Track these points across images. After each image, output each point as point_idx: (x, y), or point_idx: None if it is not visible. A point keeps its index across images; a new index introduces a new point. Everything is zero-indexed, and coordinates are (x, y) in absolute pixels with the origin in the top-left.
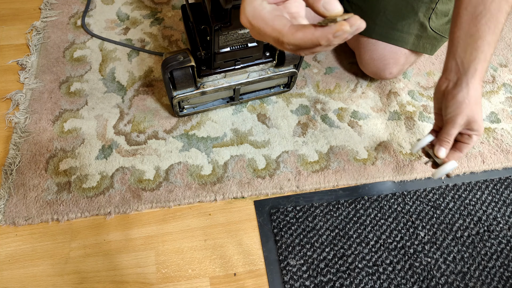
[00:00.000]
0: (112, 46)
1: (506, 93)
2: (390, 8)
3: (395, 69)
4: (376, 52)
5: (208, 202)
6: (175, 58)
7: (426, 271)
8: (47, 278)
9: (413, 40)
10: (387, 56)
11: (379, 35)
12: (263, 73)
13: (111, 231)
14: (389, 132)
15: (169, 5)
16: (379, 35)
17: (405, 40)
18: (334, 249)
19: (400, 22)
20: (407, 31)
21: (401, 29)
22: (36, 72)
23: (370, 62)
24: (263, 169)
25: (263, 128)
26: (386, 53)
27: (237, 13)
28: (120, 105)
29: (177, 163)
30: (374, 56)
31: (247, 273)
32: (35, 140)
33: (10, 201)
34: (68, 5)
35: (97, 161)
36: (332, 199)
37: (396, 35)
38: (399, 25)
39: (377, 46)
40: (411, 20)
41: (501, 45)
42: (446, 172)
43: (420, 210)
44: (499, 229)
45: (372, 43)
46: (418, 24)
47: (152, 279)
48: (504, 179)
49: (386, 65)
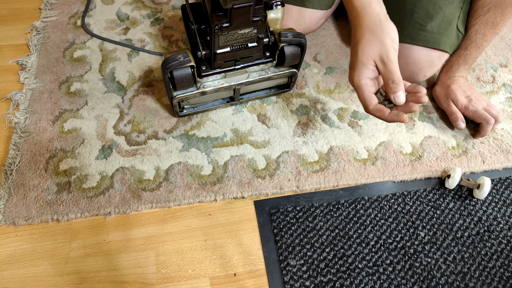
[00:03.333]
0: (112, 46)
1: (506, 93)
2: (417, 10)
3: (430, 72)
4: (411, 57)
5: (208, 202)
6: (175, 58)
7: (426, 271)
8: (47, 278)
9: (444, 39)
10: (422, 59)
11: (409, 38)
12: (263, 73)
13: (111, 231)
14: (389, 132)
15: (169, 5)
16: (409, 38)
17: (436, 41)
18: (334, 249)
19: (429, 24)
20: (437, 32)
21: (431, 30)
22: (36, 72)
23: (404, 67)
24: (263, 169)
25: (263, 128)
26: (421, 56)
27: (237, 13)
28: (120, 105)
29: (177, 163)
30: (409, 61)
31: (247, 273)
32: (35, 140)
33: (10, 201)
34: (68, 5)
35: (97, 161)
36: (332, 199)
37: (426, 36)
38: (428, 26)
39: (411, 50)
40: (439, 20)
41: (501, 45)
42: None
43: (420, 210)
44: (499, 229)
45: (405, 47)
46: (447, 23)
47: (152, 279)
48: (504, 179)
49: (421, 69)
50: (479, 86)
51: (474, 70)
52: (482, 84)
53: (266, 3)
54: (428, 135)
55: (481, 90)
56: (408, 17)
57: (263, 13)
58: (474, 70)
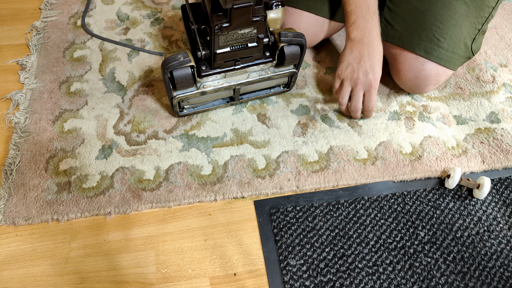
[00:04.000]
0: (112, 46)
1: (506, 93)
2: (438, 24)
3: (432, 87)
4: (422, 72)
5: (208, 202)
6: (175, 58)
7: (426, 271)
8: (47, 278)
9: (455, 59)
10: (432, 76)
11: (424, 51)
12: (263, 73)
13: (111, 231)
14: (389, 132)
15: (169, 5)
16: (424, 52)
17: (448, 59)
18: (334, 249)
19: (447, 41)
20: (452, 50)
21: (447, 47)
22: (36, 72)
23: (412, 81)
24: (263, 169)
25: (263, 128)
26: (432, 74)
27: (237, 13)
28: (120, 105)
29: (177, 163)
30: (419, 76)
31: (247, 273)
32: (35, 140)
33: (10, 201)
34: (68, 5)
35: (97, 161)
36: (332, 199)
37: (441, 53)
38: (445, 43)
39: (425, 66)
40: (457, 39)
41: (501, 45)
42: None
43: (420, 210)
44: (499, 229)
45: (419, 61)
46: (463, 44)
47: (152, 279)
48: (504, 179)
49: (428, 85)
50: (479, 86)
51: (474, 70)
52: (482, 84)
53: (266, 3)
54: (428, 135)
55: (481, 90)
56: (428, 30)
57: (263, 13)
58: (474, 70)
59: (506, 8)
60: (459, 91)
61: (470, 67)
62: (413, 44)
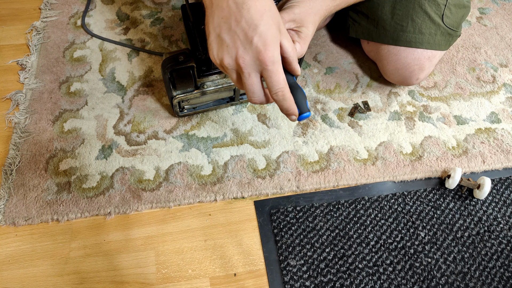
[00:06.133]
0: (112, 46)
1: (506, 93)
2: (397, 11)
3: (422, 74)
4: (399, 62)
5: (208, 202)
6: (175, 58)
7: (427, 271)
8: (47, 278)
9: (427, 39)
10: (411, 63)
11: (391, 39)
12: None
13: (111, 231)
14: (389, 132)
15: (169, 5)
16: (391, 39)
17: (418, 41)
18: (334, 250)
19: (411, 24)
20: (419, 31)
21: (413, 30)
22: (36, 72)
23: (394, 72)
24: (263, 169)
25: (263, 128)
26: (409, 61)
27: None
28: (120, 105)
29: (177, 163)
30: (398, 66)
31: (247, 274)
32: (35, 140)
33: (10, 201)
34: (68, 5)
35: (97, 161)
36: (332, 199)
37: (408, 36)
38: (409, 27)
39: (399, 56)
40: (421, 20)
41: (501, 45)
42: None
43: (420, 210)
44: (499, 229)
45: (393, 53)
46: (431, 22)
47: (152, 279)
48: (504, 179)
49: (412, 72)
50: (479, 86)
51: (474, 70)
52: (482, 84)
53: None
54: (428, 135)
55: (482, 90)
56: (389, 19)
57: None
58: (474, 70)
59: (506, 8)
60: (460, 91)
61: (471, 67)
62: (381, 36)
